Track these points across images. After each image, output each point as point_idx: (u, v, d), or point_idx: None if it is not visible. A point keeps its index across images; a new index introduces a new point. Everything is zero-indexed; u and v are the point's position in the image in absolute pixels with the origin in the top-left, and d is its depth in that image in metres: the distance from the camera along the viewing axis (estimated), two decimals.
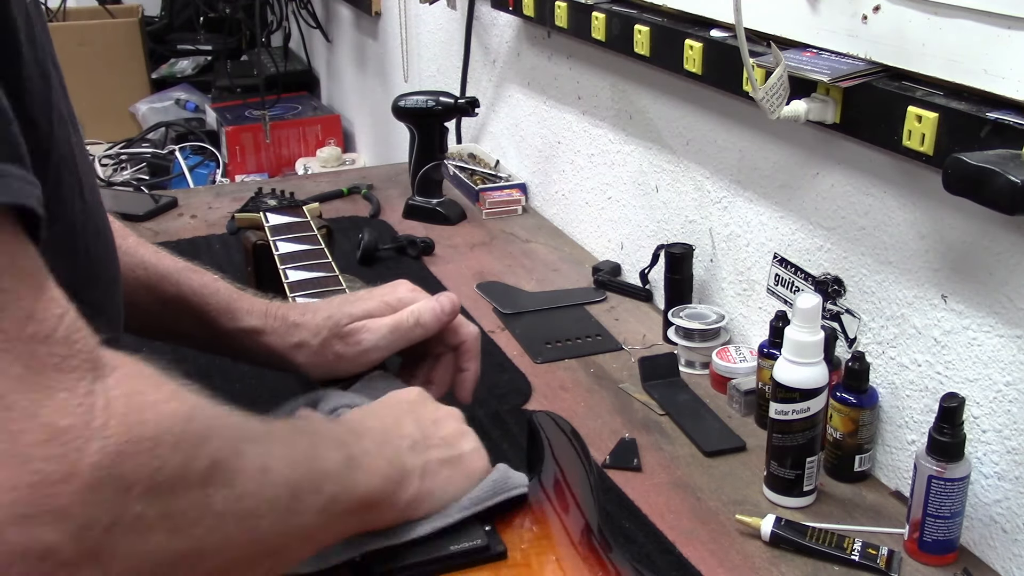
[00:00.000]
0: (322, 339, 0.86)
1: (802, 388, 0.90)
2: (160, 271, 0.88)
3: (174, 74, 3.61)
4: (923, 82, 0.87)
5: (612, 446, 1.03)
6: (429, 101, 1.60)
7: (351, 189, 1.78)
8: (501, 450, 1.00)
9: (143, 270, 0.88)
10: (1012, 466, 0.85)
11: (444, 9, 1.98)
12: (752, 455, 1.01)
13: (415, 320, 0.88)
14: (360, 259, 1.46)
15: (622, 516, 0.92)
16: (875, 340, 0.99)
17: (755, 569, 0.86)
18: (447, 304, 0.89)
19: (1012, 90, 0.78)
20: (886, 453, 0.98)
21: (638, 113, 1.36)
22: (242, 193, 1.66)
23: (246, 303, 0.90)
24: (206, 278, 0.90)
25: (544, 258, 1.51)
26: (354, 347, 0.86)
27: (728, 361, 1.12)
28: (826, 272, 1.04)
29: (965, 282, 0.88)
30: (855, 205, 0.99)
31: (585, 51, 1.47)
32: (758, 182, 1.14)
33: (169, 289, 0.88)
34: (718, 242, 1.23)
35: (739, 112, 1.14)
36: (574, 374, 1.18)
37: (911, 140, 0.85)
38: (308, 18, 3.01)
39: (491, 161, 1.84)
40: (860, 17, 0.92)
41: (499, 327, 1.29)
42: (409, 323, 0.87)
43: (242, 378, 1.13)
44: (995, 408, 0.86)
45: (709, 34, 1.12)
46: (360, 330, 0.87)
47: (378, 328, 0.87)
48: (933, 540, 0.85)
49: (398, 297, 0.90)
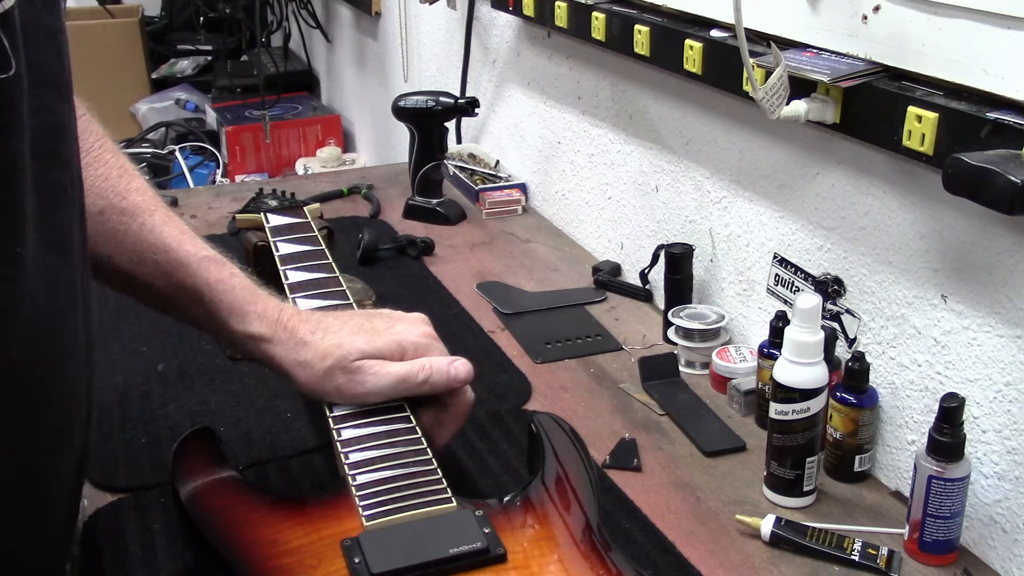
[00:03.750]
0: (327, 367, 0.84)
1: (802, 388, 0.90)
2: (179, 258, 0.86)
3: (174, 74, 3.61)
4: (923, 82, 0.87)
5: (612, 446, 1.03)
6: (429, 101, 1.60)
7: (351, 189, 1.78)
8: (501, 450, 1.01)
9: (163, 254, 0.86)
10: (1012, 466, 0.85)
11: (444, 9, 1.98)
12: (752, 455, 1.01)
13: (425, 378, 0.84)
14: (360, 259, 1.46)
15: (622, 516, 0.92)
16: (875, 340, 0.99)
17: (755, 569, 0.86)
18: (462, 373, 0.86)
19: (1012, 90, 0.78)
20: (886, 453, 0.98)
21: (638, 113, 1.36)
22: (242, 193, 1.67)
23: (259, 306, 0.87)
24: (224, 272, 0.87)
25: (544, 258, 1.51)
26: (356, 386, 0.84)
27: (728, 361, 1.12)
28: (826, 272, 1.04)
29: (965, 282, 0.87)
30: (855, 205, 0.99)
31: (585, 51, 1.47)
32: (758, 182, 1.14)
33: (185, 279, 0.86)
34: (718, 242, 1.23)
35: (739, 112, 1.14)
36: (574, 374, 1.17)
37: (911, 140, 0.85)
38: (308, 18, 3.01)
39: (491, 161, 1.84)
40: (860, 17, 0.92)
41: (499, 327, 1.29)
42: (418, 380, 0.84)
43: (242, 378, 1.14)
44: (995, 408, 0.86)
45: (709, 34, 1.12)
46: (367, 370, 0.84)
47: (385, 375, 0.84)
48: (933, 540, 0.85)
49: (413, 341, 0.86)
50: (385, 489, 0.76)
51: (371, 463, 0.79)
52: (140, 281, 0.86)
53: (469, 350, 1.19)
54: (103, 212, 0.85)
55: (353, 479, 0.77)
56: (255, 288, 0.89)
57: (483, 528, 0.73)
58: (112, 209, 0.85)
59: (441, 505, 0.75)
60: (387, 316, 0.91)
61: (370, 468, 0.78)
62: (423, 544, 0.71)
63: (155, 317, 1.27)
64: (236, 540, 0.74)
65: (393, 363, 0.85)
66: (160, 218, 0.87)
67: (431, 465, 0.79)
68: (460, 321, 1.29)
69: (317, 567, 0.71)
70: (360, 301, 1.05)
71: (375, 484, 0.77)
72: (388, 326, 0.88)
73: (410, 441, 0.82)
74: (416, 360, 0.85)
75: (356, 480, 0.77)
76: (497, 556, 0.71)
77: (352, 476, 0.78)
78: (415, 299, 1.35)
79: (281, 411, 1.07)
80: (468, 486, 0.94)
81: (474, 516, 0.74)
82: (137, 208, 0.86)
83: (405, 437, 0.82)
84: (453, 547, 0.71)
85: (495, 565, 0.71)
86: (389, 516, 0.73)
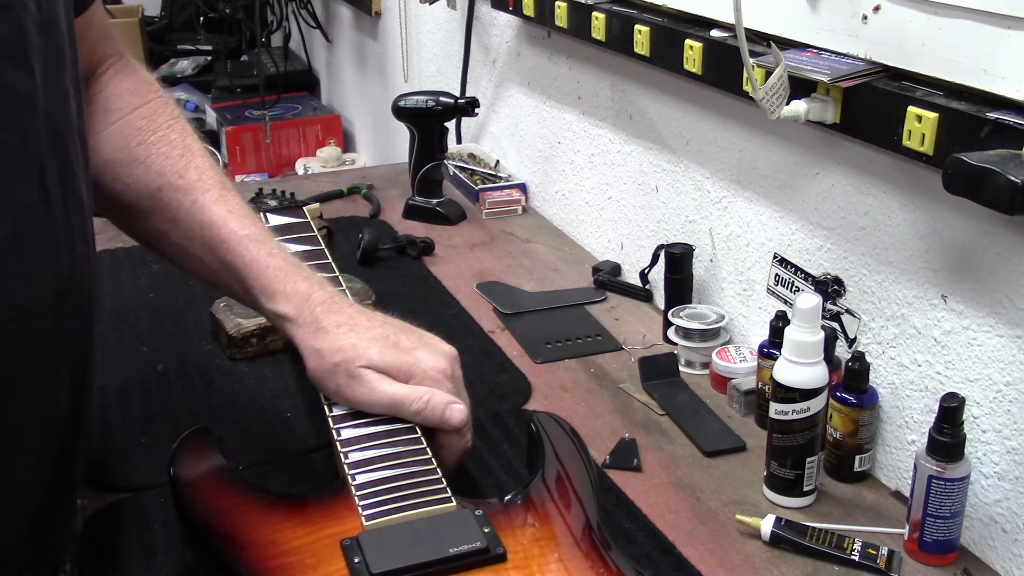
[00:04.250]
0: (334, 363, 0.84)
1: (802, 388, 0.90)
2: (222, 235, 0.89)
3: (174, 74, 3.61)
4: (923, 82, 0.87)
5: (612, 446, 1.02)
6: (429, 101, 1.60)
7: (351, 189, 1.78)
8: (501, 450, 1.01)
9: (210, 231, 0.90)
10: (1012, 466, 0.85)
11: (444, 9, 1.98)
12: (752, 455, 1.01)
13: (418, 410, 0.84)
14: (360, 259, 1.46)
15: (622, 516, 0.92)
16: (875, 340, 0.99)
17: (755, 569, 0.86)
18: (455, 418, 0.84)
19: (1012, 90, 0.78)
20: (886, 453, 0.98)
21: (638, 113, 1.36)
22: (242, 193, 1.65)
23: (289, 287, 0.88)
24: (262, 251, 0.90)
25: (544, 258, 1.51)
26: (353, 393, 0.84)
27: (728, 361, 1.12)
28: (826, 272, 1.04)
29: (965, 282, 0.87)
30: (855, 205, 0.99)
31: (585, 51, 1.47)
32: (758, 182, 1.14)
33: (225, 256, 0.89)
34: (718, 242, 1.23)
35: (739, 112, 1.14)
36: (574, 374, 1.17)
37: (911, 140, 0.85)
38: (308, 18, 3.01)
39: (491, 161, 1.84)
40: (860, 17, 0.92)
41: (499, 327, 1.29)
42: (411, 409, 0.84)
43: (242, 378, 1.14)
44: (995, 408, 0.86)
45: (709, 34, 1.12)
46: (366, 381, 0.84)
47: (382, 392, 0.84)
48: (933, 540, 0.85)
49: (424, 370, 0.86)
50: (385, 489, 0.76)
51: (371, 463, 0.79)
52: (191, 256, 0.91)
53: (469, 350, 1.19)
54: (160, 189, 0.91)
55: (353, 479, 0.77)
56: (291, 269, 0.90)
57: (483, 528, 0.73)
58: (168, 187, 0.91)
59: (441, 505, 0.75)
60: (417, 337, 0.90)
61: (370, 468, 0.78)
62: (423, 544, 0.71)
63: (155, 317, 1.28)
64: (236, 540, 0.74)
65: (394, 383, 0.84)
66: (213, 197, 0.91)
67: (431, 465, 0.79)
68: (460, 321, 1.29)
69: (317, 567, 0.71)
70: (360, 301, 1.05)
71: (375, 484, 0.77)
72: (412, 346, 0.87)
73: (410, 441, 0.82)
74: (417, 388, 0.84)
75: (356, 480, 0.77)
76: (497, 556, 0.71)
77: (352, 476, 0.78)
78: (415, 299, 1.35)
79: (281, 411, 1.07)
80: (468, 486, 0.94)
81: (474, 516, 0.74)
82: (192, 186, 0.91)
83: (405, 437, 0.82)
84: (453, 547, 0.71)
85: (495, 565, 0.71)
86: (389, 516, 0.74)
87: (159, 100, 0.95)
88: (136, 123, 0.92)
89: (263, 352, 1.18)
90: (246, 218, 0.92)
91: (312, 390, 0.89)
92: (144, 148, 0.91)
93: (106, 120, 0.92)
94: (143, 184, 0.91)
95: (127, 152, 0.91)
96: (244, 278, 0.89)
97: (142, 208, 0.92)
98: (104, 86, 0.93)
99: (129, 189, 0.91)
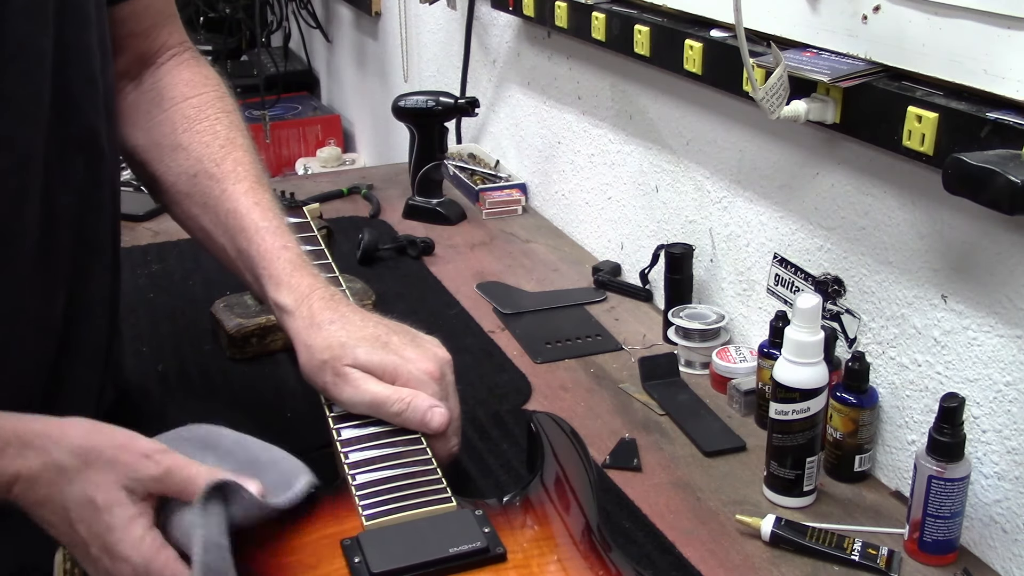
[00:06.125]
0: (323, 360, 0.84)
1: (802, 388, 0.90)
2: (242, 224, 0.91)
3: None
4: (923, 82, 0.87)
5: (612, 446, 1.03)
6: (429, 101, 1.60)
7: (351, 189, 1.78)
8: (501, 450, 1.01)
9: (233, 219, 0.92)
10: (1012, 466, 0.85)
11: (444, 9, 1.98)
12: (752, 455, 1.01)
13: (399, 411, 0.82)
14: (360, 259, 1.46)
15: (622, 516, 0.92)
16: (875, 340, 0.99)
17: (755, 569, 0.86)
18: (435, 421, 0.82)
19: (1012, 90, 0.78)
20: (886, 453, 0.98)
21: (638, 113, 1.36)
22: None
23: (295, 279, 0.89)
24: (277, 243, 0.91)
25: (544, 258, 1.51)
26: (337, 390, 0.84)
27: (728, 361, 1.12)
28: (826, 272, 1.04)
29: (965, 282, 0.87)
30: (855, 205, 0.99)
31: (585, 51, 1.47)
32: (758, 182, 1.14)
33: (242, 243, 0.91)
34: (718, 242, 1.23)
35: (739, 112, 1.14)
36: (574, 374, 1.17)
37: (911, 140, 0.85)
38: (308, 18, 3.01)
39: (491, 161, 1.84)
40: (860, 17, 0.92)
41: (499, 327, 1.29)
42: (392, 409, 0.82)
43: (242, 378, 1.14)
44: (995, 408, 0.86)
45: (709, 34, 1.12)
46: (350, 380, 0.83)
47: (364, 392, 0.83)
48: (933, 540, 0.85)
49: (410, 371, 0.84)
50: (385, 489, 0.76)
51: (371, 463, 0.79)
52: (215, 242, 0.94)
53: (469, 350, 1.19)
54: (196, 175, 0.94)
55: (353, 479, 0.77)
56: (301, 264, 0.91)
57: (483, 527, 0.73)
58: (204, 174, 0.94)
59: (441, 505, 0.75)
60: (410, 338, 0.88)
61: (370, 468, 0.78)
62: (423, 543, 0.71)
63: (155, 317, 1.28)
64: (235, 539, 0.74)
65: (378, 383, 0.83)
66: (243, 188, 0.93)
67: (431, 465, 0.79)
68: (460, 321, 1.29)
69: (317, 566, 0.71)
70: (360, 302, 1.05)
71: (375, 484, 0.77)
72: (401, 346, 0.86)
73: (410, 441, 0.82)
74: (400, 389, 0.83)
75: (356, 480, 0.77)
76: (497, 555, 0.71)
77: (352, 476, 0.78)
78: (415, 299, 1.35)
79: (281, 411, 1.07)
80: (468, 486, 0.94)
81: (474, 516, 0.74)
82: (226, 175, 0.93)
83: (405, 437, 0.82)
84: (453, 546, 0.71)
85: (495, 564, 0.71)
86: (389, 516, 0.73)
87: (214, 93, 1.00)
88: (186, 111, 0.97)
89: (263, 352, 1.18)
90: (270, 211, 0.93)
91: (312, 390, 0.89)
92: (188, 135, 0.95)
93: (160, 107, 0.97)
94: (183, 169, 0.95)
95: (173, 138, 0.95)
96: (255, 266, 0.90)
97: (179, 191, 0.95)
98: (163, 75, 0.98)
99: (170, 172, 0.95)
